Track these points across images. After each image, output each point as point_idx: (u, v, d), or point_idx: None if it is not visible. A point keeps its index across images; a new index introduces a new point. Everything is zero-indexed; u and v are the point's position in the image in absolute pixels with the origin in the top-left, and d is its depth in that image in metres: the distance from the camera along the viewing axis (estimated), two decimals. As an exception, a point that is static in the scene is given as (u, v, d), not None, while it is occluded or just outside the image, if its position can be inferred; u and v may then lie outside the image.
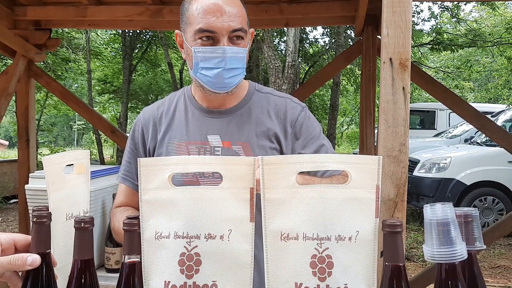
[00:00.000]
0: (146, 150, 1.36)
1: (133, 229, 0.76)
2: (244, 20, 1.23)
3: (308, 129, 1.33)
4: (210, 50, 1.19)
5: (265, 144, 1.28)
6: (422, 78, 3.30)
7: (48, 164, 0.89)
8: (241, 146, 1.27)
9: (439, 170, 6.31)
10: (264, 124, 1.30)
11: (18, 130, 3.60)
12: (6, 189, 8.50)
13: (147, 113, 1.39)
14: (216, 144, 1.27)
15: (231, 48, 1.19)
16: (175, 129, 1.32)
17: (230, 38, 1.19)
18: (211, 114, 1.32)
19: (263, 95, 1.36)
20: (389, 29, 1.47)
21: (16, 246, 0.80)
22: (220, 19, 1.17)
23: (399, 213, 1.46)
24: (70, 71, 14.78)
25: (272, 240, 0.73)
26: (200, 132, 1.30)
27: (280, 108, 1.32)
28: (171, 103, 1.38)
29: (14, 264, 0.74)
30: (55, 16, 3.38)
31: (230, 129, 1.29)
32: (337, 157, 0.74)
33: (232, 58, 1.19)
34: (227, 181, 0.75)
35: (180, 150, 1.29)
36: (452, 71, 16.15)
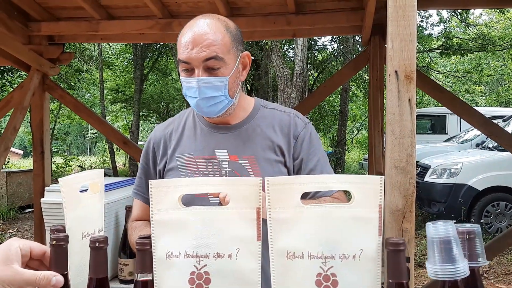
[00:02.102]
0: (157, 167, 1.42)
1: (145, 248, 0.80)
2: (224, 47, 1.23)
3: (308, 145, 1.37)
4: (188, 80, 1.25)
5: (270, 157, 1.32)
6: (430, 86, 3.30)
7: (64, 185, 0.93)
8: (247, 160, 1.31)
9: (450, 176, 6.26)
10: (269, 138, 1.34)
11: (33, 143, 3.67)
12: (21, 199, 8.63)
13: (158, 132, 1.45)
14: (223, 158, 1.32)
15: (203, 79, 1.22)
16: (184, 144, 1.38)
17: (206, 68, 1.23)
18: (218, 129, 1.37)
19: (268, 111, 1.41)
20: (394, 42, 1.49)
21: (31, 253, 0.83)
22: (194, 50, 1.21)
23: (407, 223, 1.47)
24: (83, 81, 15.00)
25: (278, 258, 0.76)
26: (208, 147, 1.35)
27: (285, 123, 1.37)
28: (180, 121, 1.44)
29: (39, 282, 0.77)
30: (68, 31, 3.46)
31: (237, 143, 1.34)
32: (341, 178, 0.77)
33: (206, 88, 1.23)
34: (234, 202, 0.78)
35: (189, 165, 1.34)
36: (462, 75, 16.03)
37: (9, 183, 8.39)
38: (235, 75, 1.29)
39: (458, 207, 6.01)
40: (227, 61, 1.24)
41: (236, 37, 1.29)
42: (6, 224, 7.55)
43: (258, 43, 12.79)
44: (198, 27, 1.23)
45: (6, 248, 0.79)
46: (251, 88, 14.77)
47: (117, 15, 3.40)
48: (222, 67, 1.24)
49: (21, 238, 0.85)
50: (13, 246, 0.79)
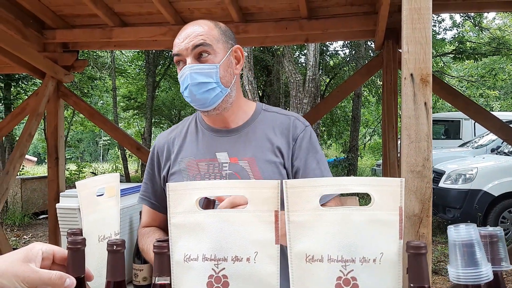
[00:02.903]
0: (161, 172, 1.45)
1: (163, 251, 0.79)
2: (212, 37, 1.30)
3: (308, 147, 1.39)
4: (180, 73, 1.31)
5: (270, 158, 1.34)
6: (445, 90, 3.27)
7: (81, 189, 0.93)
8: (247, 161, 1.33)
9: (465, 181, 6.17)
10: (269, 139, 1.37)
11: (48, 149, 3.71)
12: (36, 205, 8.72)
13: (162, 138, 1.49)
14: (223, 160, 1.35)
15: (194, 65, 1.28)
16: (186, 149, 1.41)
17: (196, 57, 1.29)
18: (219, 133, 1.40)
19: (269, 114, 1.44)
20: (409, 46, 1.48)
21: (54, 257, 0.84)
22: (184, 42, 1.28)
23: (424, 228, 1.45)
24: (96, 88, 15.17)
25: (297, 262, 0.75)
26: (209, 150, 1.38)
27: (285, 125, 1.40)
28: (183, 126, 1.49)
29: (53, 282, 0.77)
30: (82, 38, 3.51)
31: (237, 146, 1.36)
32: (360, 180, 0.75)
33: (196, 74, 1.27)
34: (252, 204, 0.78)
35: (190, 167, 1.37)
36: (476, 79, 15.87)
37: (23, 189, 8.49)
38: (227, 64, 1.33)
39: (474, 213, 5.93)
40: (216, 49, 1.30)
41: (226, 32, 1.36)
42: (21, 230, 7.63)
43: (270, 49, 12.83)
44: (189, 26, 1.32)
45: (28, 248, 0.81)
46: (263, 94, 14.79)
47: (131, 22, 3.43)
48: (211, 54, 1.29)
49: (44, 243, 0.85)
50: (35, 248, 0.80)
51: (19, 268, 0.77)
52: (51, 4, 3.26)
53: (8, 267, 0.77)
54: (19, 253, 0.79)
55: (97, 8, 3.08)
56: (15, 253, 0.80)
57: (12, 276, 0.76)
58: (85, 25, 3.49)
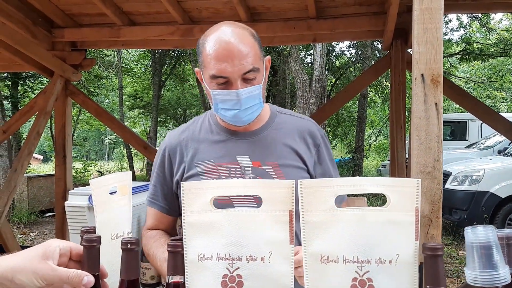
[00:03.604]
0: (174, 175, 1.40)
1: (177, 250, 0.79)
2: (256, 56, 1.24)
3: (328, 155, 1.43)
4: (226, 93, 1.23)
5: (293, 163, 1.33)
6: (453, 90, 3.26)
7: (95, 187, 0.93)
8: (271, 166, 1.31)
9: (472, 183, 6.14)
10: (289, 145, 1.35)
11: (56, 147, 3.73)
12: (42, 203, 8.76)
13: (173, 139, 1.42)
14: (246, 164, 1.31)
15: (244, 90, 1.23)
16: (202, 151, 1.36)
17: (243, 78, 1.23)
18: (237, 136, 1.36)
19: (284, 117, 1.43)
20: (420, 46, 1.47)
21: (71, 254, 0.84)
22: (231, 64, 1.19)
23: (434, 230, 1.44)
24: (102, 87, 15.23)
25: (312, 262, 0.74)
26: (228, 154, 1.33)
27: (303, 130, 1.40)
28: (195, 127, 1.42)
29: (71, 280, 0.77)
30: (91, 37, 3.53)
31: (259, 149, 1.33)
32: (376, 180, 0.75)
33: (247, 99, 1.24)
34: (267, 204, 0.77)
35: (209, 171, 1.32)
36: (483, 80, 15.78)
37: (30, 187, 8.54)
38: (264, 80, 1.31)
39: (480, 214, 5.90)
40: (260, 70, 1.26)
41: (260, 43, 1.31)
42: (27, 228, 7.67)
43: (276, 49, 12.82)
44: (227, 39, 1.20)
45: (45, 245, 0.81)
46: (269, 94, 14.78)
47: (139, 21, 3.44)
48: (258, 77, 1.26)
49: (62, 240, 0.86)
50: (53, 245, 0.81)
51: (37, 265, 0.77)
52: (60, 3, 3.27)
53: (27, 264, 0.77)
54: (37, 250, 0.79)
55: (105, 7, 3.09)
56: (33, 250, 0.80)
57: (30, 273, 0.76)
58: (94, 24, 3.51)
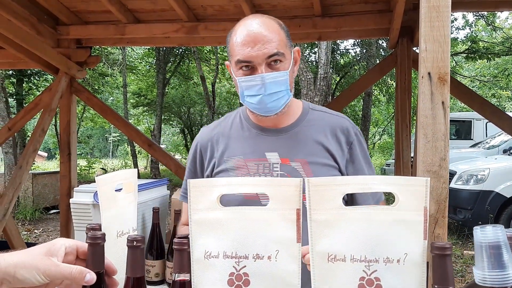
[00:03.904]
0: (204, 170, 1.41)
1: (183, 248, 0.79)
2: (282, 43, 1.25)
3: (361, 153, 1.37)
4: (250, 79, 1.24)
5: (323, 161, 1.30)
6: (459, 89, 3.24)
7: (101, 184, 0.93)
8: (300, 163, 1.29)
9: (477, 182, 6.12)
10: (320, 142, 1.32)
11: (61, 145, 3.74)
12: (47, 200, 8.81)
13: (205, 134, 1.44)
14: (274, 160, 1.30)
15: (268, 74, 1.22)
16: (232, 147, 1.37)
17: (268, 64, 1.23)
18: (267, 132, 1.35)
19: (317, 113, 1.39)
20: (427, 44, 1.46)
21: (78, 252, 0.84)
22: (255, 48, 1.21)
23: (440, 229, 1.43)
24: (107, 85, 15.27)
25: (319, 261, 0.74)
26: (257, 150, 1.33)
27: (336, 128, 1.35)
28: (227, 123, 1.44)
29: (73, 277, 0.77)
30: (96, 34, 3.52)
31: (288, 146, 1.32)
32: (384, 179, 0.74)
33: (271, 83, 1.23)
34: (273, 202, 0.77)
35: (239, 167, 1.33)
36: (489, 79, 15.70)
37: (34, 184, 8.58)
38: (292, 69, 1.29)
39: (485, 214, 5.87)
40: (286, 56, 1.25)
41: (288, 33, 1.30)
42: (32, 225, 7.71)
43: (280, 47, 12.75)
44: (253, 26, 1.24)
45: (51, 243, 0.81)
46: (272, 92, 14.72)
47: (144, 18, 3.44)
48: (282, 62, 1.24)
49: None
50: (58, 243, 0.81)
51: (40, 261, 0.77)
52: (65, 1, 3.27)
53: (30, 260, 0.77)
54: (42, 247, 0.80)
55: (110, 5, 3.09)
56: (38, 247, 0.80)
57: (33, 269, 0.76)
58: (99, 21, 3.50)
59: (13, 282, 0.76)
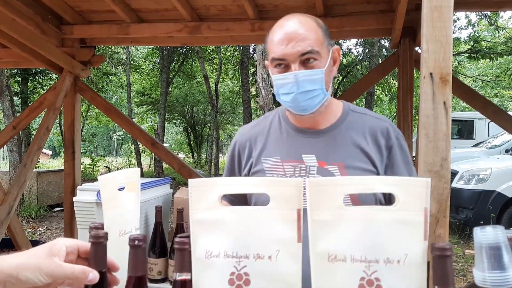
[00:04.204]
0: (242, 169, 1.42)
1: (184, 247, 0.79)
2: (318, 41, 1.23)
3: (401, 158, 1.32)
4: (284, 77, 1.24)
5: (361, 165, 1.27)
6: (461, 89, 3.23)
7: (103, 183, 0.94)
8: (337, 167, 1.26)
9: (479, 182, 6.11)
10: (359, 145, 1.29)
11: (65, 143, 3.76)
12: (51, 198, 8.86)
13: (243, 134, 1.44)
14: (311, 163, 1.28)
15: (301, 72, 1.21)
16: (270, 147, 1.36)
17: (302, 62, 1.22)
18: (305, 134, 1.34)
19: (358, 115, 1.36)
20: (429, 44, 1.46)
21: (79, 251, 0.85)
22: (289, 46, 1.21)
23: (441, 229, 1.44)
24: (111, 84, 15.31)
25: (319, 261, 0.74)
26: (295, 151, 1.31)
27: (376, 131, 1.32)
28: (266, 123, 1.42)
29: (76, 276, 0.78)
30: (100, 34, 3.53)
31: (326, 149, 1.29)
32: (385, 180, 0.75)
33: (304, 81, 1.22)
34: (274, 202, 0.77)
35: (275, 169, 1.32)
36: (491, 79, 15.65)
37: (39, 182, 8.63)
38: (329, 68, 1.27)
39: (487, 214, 5.87)
40: (322, 54, 1.24)
41: (326, 32, 1.29)
42: (36, 222, 7.75)
43: (283, 47, 12.75)
44: (290, 25, 1.24)
45: (52, 243, 0.81)
46: (275, 92, 14.72)
47: (147, 18, 3.45)
48: (317, 60, 1.23)
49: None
50: (59, 243, 0.81)
51: (43, 262, 0.77)
52: (69, 0, 3.29)
53: (32, 261, 0.77)
54: (44, 248, 0.80)
55: (114, 4, 3.10)
56: (40, 248, 0.81)
57: (35, 269, 0.77)
58: (103, 20, 3.52)
59: (16, 284, 0.76)
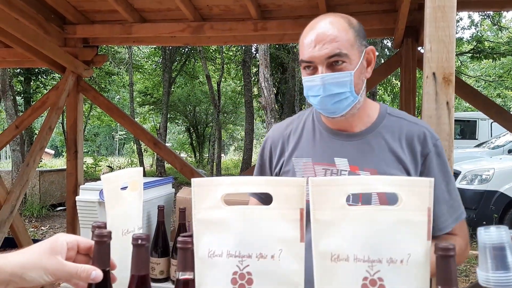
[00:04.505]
0: (273, 167, 1.40)
1: (187, 246, 0.79)
2: (347, 43, 1.19)
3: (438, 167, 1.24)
4: (311, 79, 1.22)
5: (395, 173, 1.21)
6: (464, 89, 3.23)
7: (106, 183, 0.94)
8: (369, 173, 1.22)
9: (481, 182, 6.10)
10: (394, 152, 1.24)
11: (67, 142, 3.76)
12: (53, 197, 8.88)
13: (277, 132, 1.42)
14: (343, 167, 1.25)
15: (328, 75, 1.19)
16: (302, 148, 1.34)
17: (329, 64, 1.19)
18: (339, 136, 1.30)
19: (394, 119, 1.30)
20: (432, 44, 1.46)
21: (78, 247, 0.85)
22: (316, 48, 1.19)
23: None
24: (113, 83, 15.35)
25: (322, 261, 0.74)
26: (327, 153, 1.29)
27: (413, 136, 1.26)
28: (299, 122, 1.40)
29: (80, 275, 0.78)
30: (102, 33, 3.54)
31: (359, 153, 1.25)
32: (388, 180, 0.75)
33: (331, 84, 1.19)
34: (276, 202, 0.77)
35: (306, 170, 1.30)
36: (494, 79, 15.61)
37: (41, 181, 8.65)
38: (360, 70, 1.23)
39: (490, 214, 5.85)
40: (351, 57, 1.20)
41: (360, 32, 1.24)
42: (39, 222, 7.77)
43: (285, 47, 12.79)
44: (319, 26, 1.21)
45: (53, 240, 0.81)
46: (278, 92, 14.77)
47: (150, 18, 3.46)
48: (346, 63, 1.19)
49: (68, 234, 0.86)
50: (60, 240, 0.81)
51: (47, 261, 0.78)
52: (72, 0, 3.29)
53: (36, 261, 0.78)
54: (45, 246, 0.80)
55: (117, 4, 3.11)
56: (41, 245, 0.81)
57: (40, 270, 0.77)
58: (105, 20, 3.52)
59: (20, 283, 0.77)
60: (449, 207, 1.21)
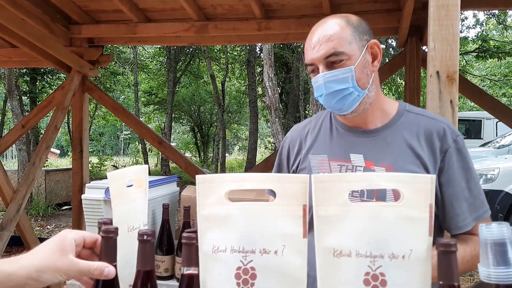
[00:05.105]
0: (290, 165, 1.43)
1: (192, 242, 0.80)
2: (343, 41, 1.21)
3: (458, 164, 1.22)
4: (314, 80, 1.26)
5: (412, 169, 1.19)
6: (468, 88, 3.22)
7: (112, 180, 0.95)
8: (384, 169, 1.22)
9: (486, 182, 6.07)
10: (412, 147, 1.22)
11: (73, 142, 3.79)
12: (59, 196, 8.93)
13: (295, 131, 1.46)
14: (358, 163, 1.26)
15: (326, 73, 1.22)
16: (319, 145, 1.36)
17: (328, 64, 1.23)
18: (355, 133, 1.31)
19: (413, 116, 1.29)
20: (436, 42, 1.47)
21: (84, 242, 0.86)
22: (314, 50, 1.23)
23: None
24: (118, 83, 15.41)
25: (324, 257, 0.75)
26: (343, 150, 1.30)
27: (432, 132, 1.23)
28: (317, 121, 1.43)
29: (93, 273, 0.80)
30: (108, 33, 3.57)
31: (375, 149, 1.26)
32: (390, 176, 0.75)
33: (330, 82, 1.22)
34: (280, 198, 0.78)
35: (322, 166, 1.31)
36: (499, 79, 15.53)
37: (47, 181, 8.71)
38: (362, 64, 1.23)
39: (495, 214, 5.83)
40: (349, 53, 1.21)
41: (359, 28, 1.25)
42: (44, 220, 7.82)
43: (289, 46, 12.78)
44: (317, 29, 1.25)
45: (61, 239, 0.82)
46: (282, 91, 14.77)
47: (154, 18, 3.47)
48: (344, 60, 1.21)
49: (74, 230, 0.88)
50: (68, 237, 0.82)
51: (60, 262, 0.79)
52: (77, 0, 3.32)
53: (49, 263, 0.79)
54: (54, 245, 0.81)
55: (122, 4, 3.13)
56: (50, 245, 0.81)
57: (55, 271, 0.78)
58: (110, 20, 3.55)
59: (35, 285, 0.78)
60: (469, 205, 1.19)
